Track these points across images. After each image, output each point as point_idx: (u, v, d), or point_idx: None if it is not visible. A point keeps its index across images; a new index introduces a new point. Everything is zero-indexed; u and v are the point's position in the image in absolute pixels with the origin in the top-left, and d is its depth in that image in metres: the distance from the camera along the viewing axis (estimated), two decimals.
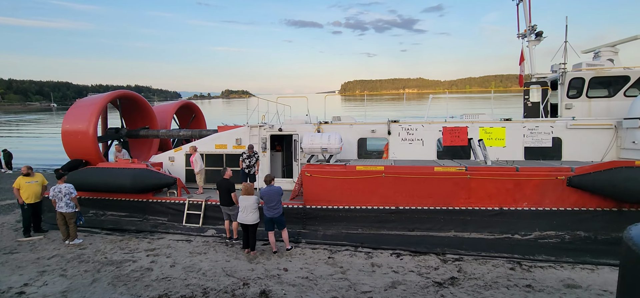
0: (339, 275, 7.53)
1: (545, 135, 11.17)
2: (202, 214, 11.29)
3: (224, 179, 9.75)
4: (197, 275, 7.58)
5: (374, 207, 10.29)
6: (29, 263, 8.35)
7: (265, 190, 8.71)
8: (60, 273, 7.75)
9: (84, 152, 13.11)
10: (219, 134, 13.48)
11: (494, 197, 9.61)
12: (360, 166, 10.32)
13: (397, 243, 9.43)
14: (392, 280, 7.23)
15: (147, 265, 8.15)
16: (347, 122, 12.79)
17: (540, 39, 13.34)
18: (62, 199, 9.55)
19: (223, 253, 8.91)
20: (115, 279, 7.42)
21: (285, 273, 7.62)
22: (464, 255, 8.60)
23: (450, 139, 11.74)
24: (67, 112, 13.54)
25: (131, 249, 9.25)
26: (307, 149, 10.90)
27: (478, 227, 9.64)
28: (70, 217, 9.64)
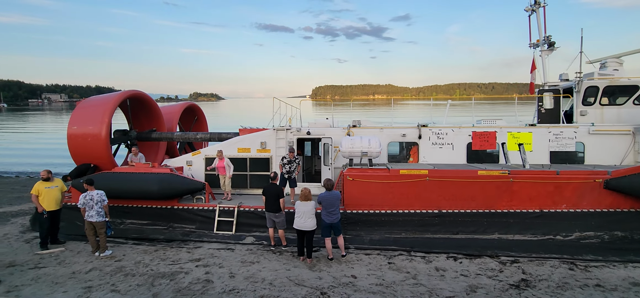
0: (411, 280, 7.45)
1: (569, 140, 11.75)
2: (235, 221, 10.82)
3: (272, 184, 9.38)
4: (263, 285, 7.20)
5: (417, 211, 10.35)
6: (66, 279, 7.55)
7: (324, 195, 8.46)
8: (110, 288, 7.07)
9: (96, 156, 12.15)
10: (242, 137, 12.98)
11: (534, 199, 9.96)
12: (404, 170, 10.33)
13: (447, 247, 9.49)
14: (466, 283, 7.25)
15: (202, 276, 7.64)
16: (377, 125, 12.78)
17: (553, 48, 14.05)
18: (94, 207, 8.76)
19: (276, 261, 8.54)
20: (178, 293, 6.88)
21: (356, 281, 7.42)
22: (518, 257, 8.78)
23: (479, 143, 12.03)
24: (73, 114, 12.51)
25: (173, 260, 8.63)
26: (347, 153, 10.74)
27: (520, 229, 9.94)
28: (100, 226, 8.86)
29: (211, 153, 12.82)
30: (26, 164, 27.14)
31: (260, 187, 12.85)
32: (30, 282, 7.42)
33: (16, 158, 28.64)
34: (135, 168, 11.76)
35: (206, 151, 13.00)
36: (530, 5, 14.25)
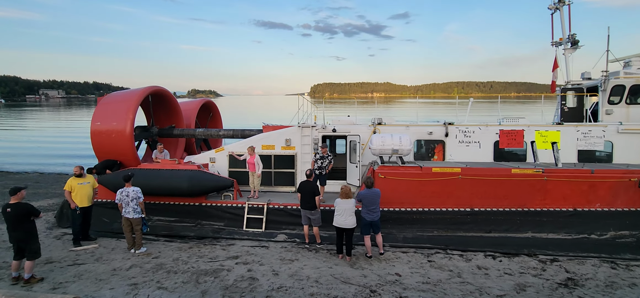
0: (457, 278, 7.43)
1: (597, 139, 11.74)
2: (264, 218, 10.76)
3: (308, 182, 9.33)
4: (309, 283, 7.15)
5: (449, 209, 10.33)
6: (108, 276, 7.47)
7: (365, 193, 8.41)
8: (156, 286, 7.00)
9: (120, 152, 12.05)
10: (267, 134, 12.89)
11: (568, 198, 9.96)
12: (436, 168, 10.30)
13: (482, 245, 9.47)
14: (513, 282, 7.24)
15: (245, 274, 7.58)
16: (403, 123, 12.74)
17: (577, 47, 14.04)
18: (129, 204, 8.67)
19: (315, 259, 8.49)
20: (226, 291, 6.81)
21: (401, 279, 7.39)
22: (557, 256, 8.77)
23: (507, 142, 11.98)
24: (96, 110, 12.40)
25: (211, 257, 8.57)
26: (378, 150, 10.68)
27: (554, 227, 9.94)
28: (136, 223, 8.77)
29: (236, 150, 12.74)
30: (29, 161, 26.95)
31: (285, 184, 12.83)
32: (72, 278, 7.34)
33: (18, 158, 28.38)
34: (161, 165, 11.68)
35: (230, 148, 12.90)
36: (554, 3, 14.21)
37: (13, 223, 6.94)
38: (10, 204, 6.97)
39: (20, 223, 6.93)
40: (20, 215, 6.92)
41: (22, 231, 6.95)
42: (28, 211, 7.03)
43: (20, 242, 6.98)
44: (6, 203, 7.04)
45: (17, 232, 6.93)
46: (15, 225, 6.92)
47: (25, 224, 6.98)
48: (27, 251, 7.00)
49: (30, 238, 7.03)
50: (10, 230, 6.99)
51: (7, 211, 6.90)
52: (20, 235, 6.94)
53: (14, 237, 6.99)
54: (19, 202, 7.02)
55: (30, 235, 7.03)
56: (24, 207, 7.01)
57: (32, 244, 7.03)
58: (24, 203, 7.09)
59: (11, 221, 6.92)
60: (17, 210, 6.92)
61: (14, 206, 6.94)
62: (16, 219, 6.89)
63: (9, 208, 6.91)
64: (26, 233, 6.98)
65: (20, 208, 6.96)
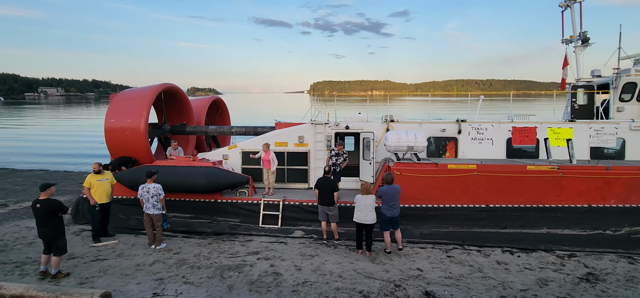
0: (478, 273, 7.51)
1: (610, 136, 11.82)
2: (280, 215, 10.83)
3: (327, 178, 9.40)
4: (333, 278, 7.23)
5: (464, 205, 10.41)
6: (133, 271, 7.53)
7: (385, 189, 8.49)
8: (182, 281, 7.06)
9: (134, 149, 12.09)
10: (280, 131, 12.95)
11: (583, 194, 10.05)
12: (451, 165, 10.38)
13: (499, 241, 9.56)
14: (534, 277, 7.33)
15: (268, 269, 7.65)
16: (416, 120, 12.80)
17: (587, 45, 14.10)
18: (150, 200, 8.73)
19: (335, 254, 8.57)
20: (252, 285, 6.88)
21: (423, 274, 7.48)
22: (574, 251, 8.86)
23: (519, 139, 12.05)
24: (110, 107, 12.43)
25: (231, 253, 8.63)
26: (393, 147, 10.75)
27: (569, 223, 10.03)
28: (157, 219, 8.83)
29: (248, 147, 12.80)
30: (31, 159, 26.97)
31: (298, 181, 12.91)
32: (98, 273, 7.40)
33: (22, 157, 28.38)
34: (177, 162, 11.73)
35: (242, 145, 12.96)
36: (565, 0, 14.28)
37: (42, 219, 6.98)
38: (40, 200, 7.01)
39: (49, 220, 6.98)
40: (49, 211, 6.97)
41: (50, 227, 7.01)
42: (57, 208, 7.06)
43: (48, 238, 7.05)
44: (36, 199, 7.08)
45: (45, 228, 6.99)
46: (44, 222, 6.97)
47: (54, 220, 7.03)
48: (54, 247, 7.07)
49: (58, 234, 7.09)
50: (39, 225, 7.05)
51: (36, 207, 6.95)
52: (48, 232, 7.00)
53: (42, 232, 7.06)
54: (48, 198, 7.07)
55: (57, 231, 7.09)
56: (52, 204, 7.05)
57: (59, 240, 7.09)
58: (53, 200, 7.14)
59: (40, 217, 6.97)
60: (46, 207, 6.96)
61: (43, 202, 6.98)
62: (45, 215, 6.94)
63: (38, 204, 6.95)
64: (54, 229, 7.04)
65: (49, 205, 7.00)
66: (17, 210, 12.52)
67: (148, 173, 8.90)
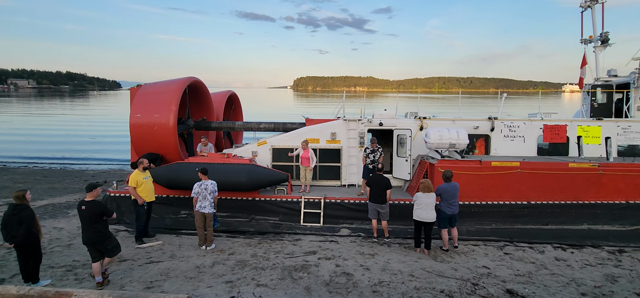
0: (544, 270, 7.60)
1: (637, 134, 12.22)
2: (322, 213, 10.64)
3: (380, 175, 9.27)
4: (406, 277, 7.12)
5: (506, 202, 10.53)
6: (196, 274, 7.19)
7: (445, 187, 8.45)
8: (254, 283, 6.78)
9: (162, 145, 11.62)
10: (311, 128, 12.70)
11: (622, 191, 10.35)
12: (495, 162, 10.46)
13: (546, 237, 9.72)
14: (600, 273, 7.48)
15: (335, 269, 7.46)
16: (447, 118, 12.84)
17: (607, 45, 14.52)
18: (207, 197, 8.33)
19: (395, 253, 8.48)
20: (328, 286, 6.69)
21: (492, 271, 7.49)
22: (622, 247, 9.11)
23: (550, 136, 12.32)
24: (134, 101, 11.89)
25: (287, 253, 8.40)
26: (435, 144, 10.73)
27: (609, 219, 10.33)
28: (210, 219, 8.46)
29: (278, 144, 12.52)
30: (17, 155, 25.61)
31: (330, 178, 12.72)
32: (159, 276, 7.02)
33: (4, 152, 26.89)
34: (209, 159, 11.34)
35: (272, 141, 12.65)
36: (585, 1, 14.62)
37: (87, 223, 6.40)
38: (86, 202, 6.41)
39: (93, 224, 6.39)
40: (95, 214, 6.38)
41: (94, 232, 6.41)
42: (102, 211, 6.47)
43: (92, 243, 6.45)
44: (81, 200, 6.53)
45: (89, 232, 6.41)
46: (88, 225, 6.39)
47: (98, 225, 6.44)
48: (103, 250, 6.52)
49: (103, 239, 6.50)
50: (84, 229, 6.46)
51: (82, 209, 6.35)
52: (93, 237, 6.42)
53: (86, 237, 6.46)
54: (93, 200, 6.47)
55: (102, 236, 6.49)
56: (98, 207, 6.45)
57: (106, 244, 6.52)
58: (98, 202, 6.54)
59: (85, 220, 6.38)
60: (92, 209, 6.37)
61: (88, 204, 6.39)
62: (90, 219, 6.36)
63: (83, 206, 6.35)
64: (97, 234, 6.45)
65: (95, 208, 6.41)
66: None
67: (203, 169, 8.49)
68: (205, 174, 8.43)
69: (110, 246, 6.53)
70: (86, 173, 20.05)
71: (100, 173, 20.13)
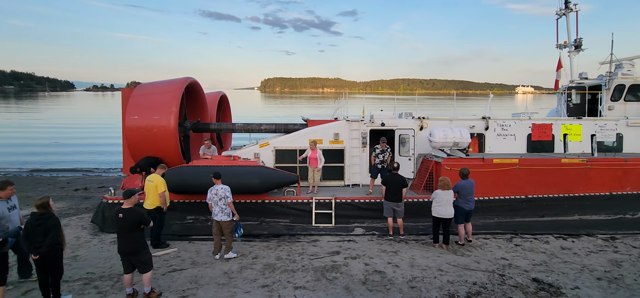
0: (556, 259, 8.15)
1: (611, 131, 13.39)
2: (333, 213, 10.70)
3: (396, 174, 9.47)
4: (434, 272, 7.35)
5: (507, 197, 11.15)
6: (227, 280, 6.97)
7: (463, 184, 8.80)
8: (292, 286, 6.69)
9: (163, 148, 11.21)
10: (314, 129, 12.72)
11: (606, 184, 11.30)
12: (496, 159, 11.04)
13: (546, 229, 10.40)
14: (604, 258, 8.14)
15: (366, 267, 7.54)
16: (444, 118, 13.35)
17: (580, 50, 15.77)
18: (218, 203, 8.06)
19: (415, 249, 8.70)
20: (365, 285, 6.75)
21: (511, 262, 7.92)
22: (613, 235, 9.95)
23: (538, 134, 13.18)
24: (130, 103, 11.35)
25: (311, 254, 8.36)
26: (440, 143, 11.14)
27: (596, 209, 11.24)
28: (226, 226, 8.06)
29: (281, 145, 12.43)
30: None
31: (333, 178, 12.79)
32: (190, 285, 6.74)
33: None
34: (214, 161, 11.04)
35: (275, 143, 12.53)
36: (561, 9, 15.81)
37: (124, 232, 6.04)
38: (123, 209, 6.04)
39: (130, 232, 6.04)
40: (133, 223, 6.03)
41: (130, 241, 6.06)
42: (139, 219, 6.11)
43: (127, 253, 6.09)
44: (118, 208, 6.16)
45: (125, 242, 6.05)
46: (125, 234, 6.03)
47: (134, 233, 6.08)
48: (137, 263, 6.14)
49: (139, 249, 6.13)
50: (120, 238, 6.09)
51: (119, 217, 5.99)
52: (129, 246, 6.06)
53: (121, 246, 6.09)
54: (131, 208, 6.11)
55: (137, 246, 6.13)
56: (136, 215, 6.09)
57: (141, 256, 6.15)
58: (136, 210, 6.17)
59: (122, 228, 6.03)
60: (130, 217, 6.01)
61: (126, 212, 6.02)
62: (128, 227, 6.00)
63: (121, 214, 5.99)
64: (133, 243, 6.09)
65: (133, 215, 6.05)
66: None
67: (215, 174, 8.17)
68: (217, 178, 8.14)
69: (143, 259, 6.15)
70: (59, 180, 18.70)
71: (75, 179, 18.86)
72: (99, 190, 15.99)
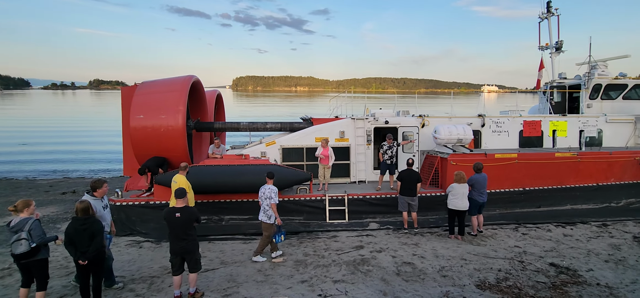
0: (563, 245, 8.80)
1: (592, 127, 14.49)
2: (346, 209, 10.92)
3: (411, 170, 9.81)
4: (457, 261, 7.75)
5: (506, 189, 11.82)
6: (263, 277, 6.99)
7: (477, 177, 9.27)
8: (331, 280, 6.82)
9: (171, 149, 10.99)
10: (320, 127, 12.88)
11: (593, 175, 12.25)
12: (498, 154, 11.68)
13: (544, 218, 11.15)
14: (606, 243, 8.89)
15: (393, 260, 7.81)
16: (443, 115, 13.91)
17: (560, 51, 16.91)
18: (263, 203, 7.92)
19: (434, 241, 9.08)
20: (399, 276, 7.02)
21: (524, 249, 8.47)
22: (604, 222, 10.83)
23: (529, 131, 14.04)
24: (134, 102, 11.03)
25: (336, 249, 8.52)
26: (445, 140, 11.65)
27: (585, 199, 12.16)
28: (265, 228, 7.90)
29: (287, 143, 12.50)
30: None
31: (339, 175, 12.99)
32: (228, 283, 6.70)
33: None
34: (226, 160, 10.94)
35: (281, 141, 12.57)
36: (543, 13, 16.87)
37: (182, 231, 5.94)
38: (180, 209, 5.94)
39: (188, 231, 5.99)
40: (190, 221, 5.98)
41: (190, 240, 6.00)
42: (196, 217, 6.09)
43: (185, 252, 6.01)
44: (172, 207, 6.03)
45: (183, 242, 5.96)
46: (183, 233, 5.95)
47: (191, 231, 6.05)
48: (191, 262, 6.09)
49: (196, 247, 6.13)
50: (177, 239, 5.96)
51: (176, 217, 5.87)
52: (187, 245, 5.99)
53: (179, 247, 5.98)
54: (186, 206, 6.07)
55: (195, 244, 6.12)
56: (193, 213, 6.05)
57: (196, 254, 6.14)
58: (192, 208, 6.17)
59: (180, 228, 5.93)
60: (188, 215, 5.95)
61: (183, 211, 5.93)
62: (186, 226, 5.94)
63: (178, 213, 5.88)
64: (192, 242, 6.06)
65: (190, 213, 6.00)
66: None
67: (269, 173, 8.05)
68: (270, 178, 8.03)
69: (198, 257, 6.15)
70: (38, 183, 17.68)
71: (56, 182, 17.90)
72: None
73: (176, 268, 6.11)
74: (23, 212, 5.74)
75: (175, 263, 6.10)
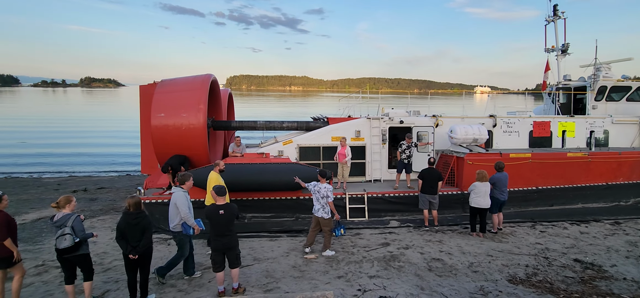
0: (582, 243, 9.06)
1: (599, 128, 14.86)
2: (366, 207, 11.08)
3: (432, 168, 10.00)
4: (483, 258, 7.96)
5: (521, 188, 12.10)
6: (299, 273, 7.11)
7: (498, 176, 9.50)
8: (367, 276, 6.97)
9: (193, 147, 11.05)
10: (337, 126, 13.03)
11: (603, 174, 12.59)
12: (513, 154, 11.95)
13: (559, 216, 11.43)
14: (622, 240, 9.17)
15: (423, 256, 7.99)
16: (456, 116, 14.14)
17: (567, 53, 17.29)
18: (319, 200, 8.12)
19: (457, 238, 9.28)
20: (431, 272, 7.20)
21: (546, 245, 8.72)
22: (615, 220, 11.15)
23: (538, 131, 14.36)
24: (154, 101, 11.05)
25: (363, 246, 8.66)
26: (461, 139, 11.88)
27: (596, 198, 12.49)
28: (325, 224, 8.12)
29: (304, 142, 12.63)
30: None
31: (355, 174, 13.14)
32: (266, 279, 6.81)
33: None
34: (246, 159, 11.04)
35: (298, 140, 12.69)
36: (549, 16, 17.22)
37: (225, 228, 6.04)
38: (222, 205, 6.05)
39: (231, 227, 6.12)
40: (233, 217, 6.10)
41: (232, 236, 6.12)
42: (237, 213, 6.22)
43: (227, 248, 6.11)
44: (215, 205, 6.13)
45: (226, 238, 6.07)
46: (226, 230, 6.05)
47: (233, 227, 6.17)
48: (232, 258, 6.19)
49: (237, 243, 6.24)
50: (220, 235, 6.04)
51: (220, 214, 5.97)
52: (230, 241, 6.10)
53: (222, 243, 6.07)
54: (228, 203, 6.20)
55: (236, 239, 6.24)
56: (235, 209, 6.16)
57: (237, 249, 6.25)
58: (233, 205, 6.26)
59: (222, 225, 6.03)
60: (230, 212, 6.06)
61: (226, 207, 6.05)
62: (229, 222, 6.04)
63: (221, 210, 5.98)
64: (234, 237, 6.17)
65: (233, 210, 6.11)
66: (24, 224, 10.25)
67: (321, 172, 8.28)
68: (323, 177, 8.21)
69: (238, 252, 6.26)
70: (45, 182, 17.52)
71: (64, 181, 17.77)
72: (100, 191, 15.25)
73: (218, 264, 6.20)
74: (65, 208, 5.81)
75: (217, 260, 6.19)
